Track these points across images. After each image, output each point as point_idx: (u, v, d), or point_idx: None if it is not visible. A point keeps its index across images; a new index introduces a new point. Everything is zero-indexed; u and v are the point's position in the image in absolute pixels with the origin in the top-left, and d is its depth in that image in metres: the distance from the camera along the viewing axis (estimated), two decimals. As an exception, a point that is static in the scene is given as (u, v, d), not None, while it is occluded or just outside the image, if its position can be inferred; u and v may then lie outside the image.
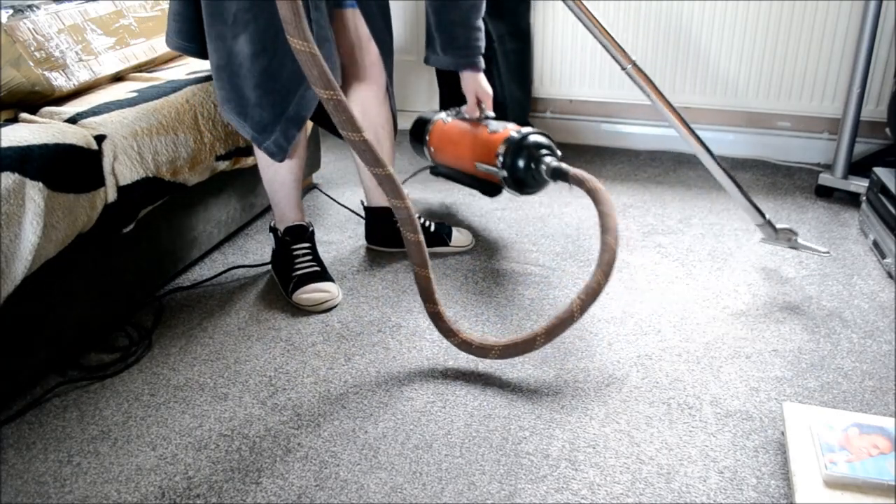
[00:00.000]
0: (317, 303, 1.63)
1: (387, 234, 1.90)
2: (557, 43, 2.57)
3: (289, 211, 1.71)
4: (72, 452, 1.23)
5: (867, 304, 1.61)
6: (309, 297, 1.63)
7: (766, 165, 2.46)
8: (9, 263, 1.23)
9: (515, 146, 1.64)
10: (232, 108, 1.54)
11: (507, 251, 1.91)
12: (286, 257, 1.70)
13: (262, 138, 1.54)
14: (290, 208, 1.71)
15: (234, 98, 1.52)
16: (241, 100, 1.51)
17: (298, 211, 1.73)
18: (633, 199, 2.22)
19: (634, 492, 1.12)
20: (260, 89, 1.49)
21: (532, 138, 1.66)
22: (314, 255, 1.72)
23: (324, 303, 1.63)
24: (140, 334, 1.56)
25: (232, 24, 1.44)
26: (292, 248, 1.70)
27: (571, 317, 1.33)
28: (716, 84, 2.46)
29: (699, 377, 1.38)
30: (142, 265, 1.64)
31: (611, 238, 1.36)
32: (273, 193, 1.70)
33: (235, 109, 1.53)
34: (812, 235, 1.94)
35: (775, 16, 2.31)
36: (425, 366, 1.44)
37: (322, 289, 1.64)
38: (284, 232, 1.71)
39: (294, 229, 1.71)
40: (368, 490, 1.14)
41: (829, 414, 1.18)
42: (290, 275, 1.67)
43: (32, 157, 1.28)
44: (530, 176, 1.65)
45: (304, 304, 1.63)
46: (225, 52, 1.47)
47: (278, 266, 1.73)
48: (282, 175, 1.66)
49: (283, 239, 1.71)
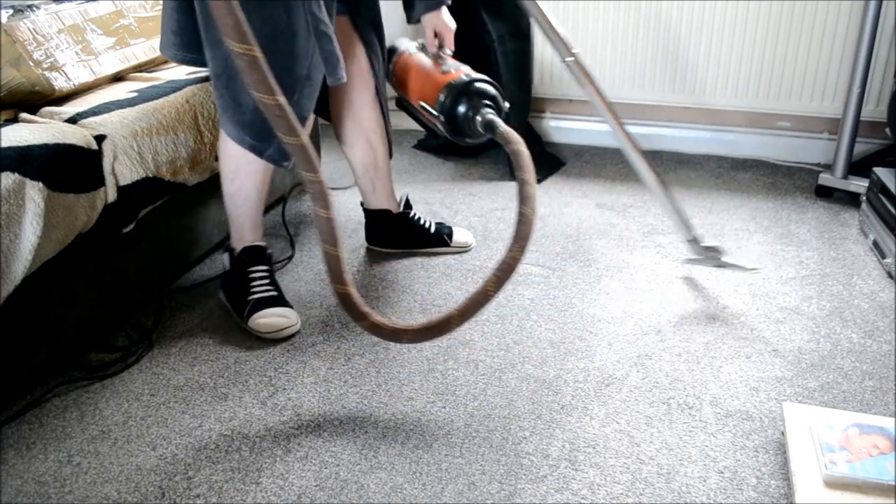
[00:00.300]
0: (276, 328, 1.52)
1: (387, 234, 1.89)
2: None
3: (248, 230, 1.60)
4: (72, 452, 1.23)
5: (867, 304, 1.61)
6: (267, 322, 1.52)
7: (766, 165, 2.46)
8: (9, 263, 1.23)
9: (457, 91, 1.54)
10: (230, 117, 1.47)
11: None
12: (241, 280, 1.58)
13: (263, 146, 1.47)
14: (250, 227, 1.60)
15: (233, 106, 1.45)
16: (240, 107, 1.44)
17: (257, 231, 1.62)
18: (633, 199, 2.21)
19: (634, 492, 1.12)
20: None
21: (477, 86, 1.55)
22: (272, 278, 1.62)
23: (283, 329, 1.53)
24: (140, 334, 1.56)
25: None
26: (249, 270, 1.59)
27: (486, 295, 1.28)
28: (716, 84, 2.46)
29: (699, 377, 1.38)
30: (142, 265, 1.64)
31: (528, 209, 1.29)
32: (234, 209, 1.58)
33: (234, 118, 1.46)
34: (812, 235, 1.94)
35: (775, 16, 2.31)
36: (425, 366, 1.44)
37: (281, 314, 1.54)
38: (241, 252, 1.60)
39: (251, 250, 1.60)
40: (368, 490, 1.14)
41: (829, 414, 1.18)
42: (246, 298, 1.56)
43: (32, 157, 1.28)
44: (466, 125, 1.54)
45: (262, 329, 1.52)
46: (222, 58, 1.41)
47: (231, 289, 1.61)
48: (246, 190, 1.55)
49: (240, 259, 1.60)
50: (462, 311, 1.28)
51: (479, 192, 2.30)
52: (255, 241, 1.61)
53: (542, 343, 1.50)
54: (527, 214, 1.28)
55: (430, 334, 1.31)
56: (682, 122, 2.57)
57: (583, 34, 2.52)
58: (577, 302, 1.65)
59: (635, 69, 2.53)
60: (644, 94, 2.56)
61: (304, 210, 2.18)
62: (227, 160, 1.53)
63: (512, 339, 1.52)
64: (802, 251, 1.86)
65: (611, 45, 2.51)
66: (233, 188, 1.56)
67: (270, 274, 1.62)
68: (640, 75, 2.53)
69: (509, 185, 2.36)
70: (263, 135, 1.45)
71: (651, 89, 2.54)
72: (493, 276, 1.27)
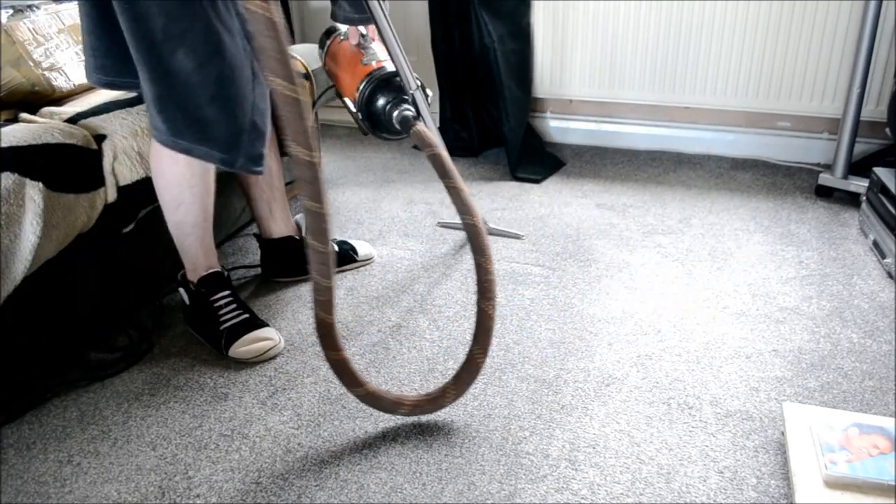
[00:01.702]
0: (260, 353, 1.46)
1: (290, 263, 1.76)
2: (557, 43, 2.57)
3: (202, 257, 1.51)
4: (72, 452, 1.23)
5: (867, 304, 1.61)
6: (249, 349, 1.46)
7: (766, 165, 2.46)
8: (9, 263, 1.23)
9: (376, 83, 1.45)
10: (190, 136, 1.32)
11: (507, 251, 1.91)
12: (207, 311, 1.50)
13: (232, 157, 1.34)
14: (204, 254, 1.51)
15: (191, 124, 1.31)
16: (199, 122, 1.30)
17: (212, 255, 1.53)
18: (633, 199, 2.22)
19: (634, 492, 1.12)
20: (218, 101, 1.29)
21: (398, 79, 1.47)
22: (238, 301, 1.53)
23: (267, 351, 1.47)
24: (140, 334, 1.56)
25: (164, 42, 1.24)
26: (212, 300, 1.50)
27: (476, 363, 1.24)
28: (716, 84, 2.46)
29: (699, 377, 1.38)
30: (142, 265, 1.64)
31: (470, 217, 1.19)
32: (183, 238, 1.48)
33: (195, 136, 1.32)
34: (812, 235, 1.94)
35: (775, 16, 2.31)
36: (425, 366, 1.44)
37: (261, 336, 1.48)
38: (198, 283, 1.51)
39: (209, 279, 1.51)
40: (368, 490, 1.14)
41: (829, 414, 1.18)
42: (218, 329, 1.48)
43: (32, 157, 1.28)
44: (384, 119, 1.46)
45: (246, 357, 1.46)
46: (163, 77, 1.27)
47: (198, 323, 1.53)
48: (194, 215, 1.45)
49: (199, 292, 1.52)
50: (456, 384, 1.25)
51: (479, 192, 2.30)
52: (211, 268, 1.52)
53: (542, 343, 1.50)
54: (473, 224, 1.17)
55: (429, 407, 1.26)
56: (682, 122, 2.57)
57: (583, 34, 2.52)
58: (577, 302, 1.65)
59: (635, 69, 2.53)
60: (644, 94, 2.56)
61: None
62: (167, 188, 1.42)
63: (512, 339, 1.52)
64: (802, 251, 1.86)
65: (611, 45, 2.51)
66: (178, 216, 1.45)
67: (235, 297, 1.54)
68: (640, 75, 2.53)
69: (509, 184, 2.36)
70: (231, 144, 1.34)
71: (651, 89, 2.54)
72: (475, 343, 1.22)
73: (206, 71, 1.27)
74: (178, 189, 1.42)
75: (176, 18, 1.23)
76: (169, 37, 1.23)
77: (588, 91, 2.63)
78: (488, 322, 1.22)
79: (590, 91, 2.63)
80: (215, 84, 1.28)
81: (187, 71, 1.26)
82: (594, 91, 2.62)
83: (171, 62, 1.25)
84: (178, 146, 1.33)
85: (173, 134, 1.32)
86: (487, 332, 1.23)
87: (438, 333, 1.55)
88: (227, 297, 1.52)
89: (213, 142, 1.32)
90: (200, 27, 1.25)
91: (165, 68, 1.26)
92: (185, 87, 1.27)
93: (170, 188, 1.42)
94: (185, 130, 1.31)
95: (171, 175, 1.40)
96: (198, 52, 1.25)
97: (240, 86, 1.30)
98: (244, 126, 1.33)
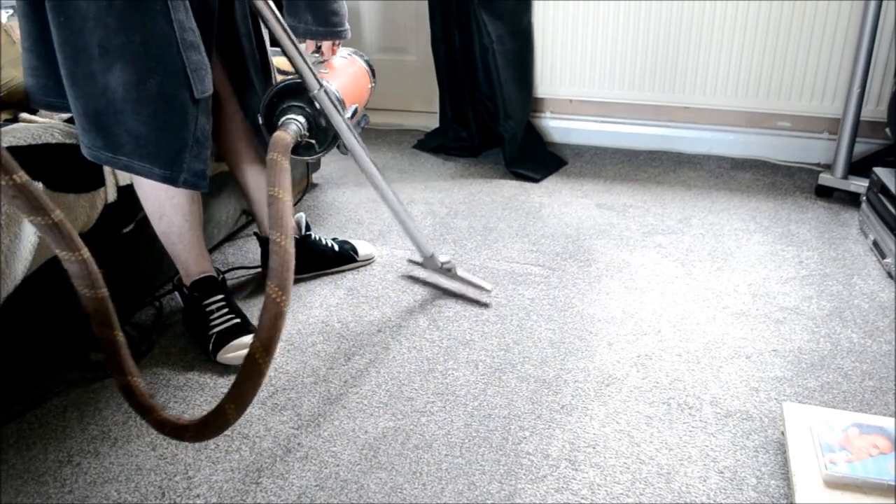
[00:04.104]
0: None
1: None
2: (557, 43, 2.57)
3: (192, 263, 1.50)
4: (72, 452, 1.23)
5: (867, 304, 1.61)
6: (235, 355, 1.44)
7: (766, 165, 2.46)
8: (9, 263, 1.23)
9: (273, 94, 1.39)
10: (129, 152, 1.28)
11: (507, 251, 1.91)
12: (199, 314, 1.50)
13: (174, 173, 1.29)
14: (194, 260, 1.50)
15: (129, 141, 1.26)
16: (138, 139, 1.26)
17: (203, 260, 1.52)
18: (633, 199, 2.22)
19: (634, 492, 1.12)
20: (159, 117, 1.25)
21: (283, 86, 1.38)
22: (231, 305, 1.52)
23: None
24: (140, 334, 1.56)
25: (100, 57, 1.19)
26: (204, 304, 1.50)
27: (256, 364, 1.03)
28: (716, 84, 2.46)
29: (699, 377, 1.38)
30: (142, 265, 1.64)
31: (280, 234, 1.07)
32: (171, 247, 1.48)
33: (135, 153, 1.27)
34: (812, 235, 1.94)
35: (775, 16, 2.31)
36: (425, 366, 1.44)
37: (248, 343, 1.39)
38: (191, 287, 1.51)
39: (202, 283, 1.51)
40: (368, 490, 1.14)
41: (829, 414, 1.18)
42: (207, 333, 1.47)
43: (32, 157, 1.28)
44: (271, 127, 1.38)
45: (233, 363, 1.44)
46: (100, 93, 1.22)
47: (192, 326, 1.54)
48: (178, 225, 1.43)
49: (192, 296, 1.51)
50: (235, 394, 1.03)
51: (479, 192, 2.30)
52: (203, 272, 1.51)
53: (542, 343, 1.50)
54: (279, 241, 1.06)
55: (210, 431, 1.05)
56: (682, 122, 2.57)
57: (583, 34, 2.52)
58: (577, 302, 1.65)
59: (635, 69, 2.53)
60: (644, 94, 2.56)
61: (315, 203, 2.18)
62: (148, 200, 1.42)
63: (512, 339, 1.52)
64: (802, 251, 1.86)
65: (611, 45, 2.51)
66: (163, 227, 1.44)
67: (229, 301, 1.52)
68: (641, 75, 2.53)
69: (509, 184, 2.36)
70: (172, 160, 1.30)
71: (651, 89, 2.54)
72: (256, 341, 1.03)
73: (146, 85, 1.23)
74: (157, 202, 1.41)
75: (116, 30, 1.18)
76: (107, 51, 1.19)
77: (588, 91, 2.63)
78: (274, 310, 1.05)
79: (590, 91, 2.63)
80: (156, 99, 1.24)
81: (125, 86, 1.22)
82: (594, 91, 2.62)
83: (108, 78, 1.21)
84: (118, 163, 1.29)
85: (111, 151, 1.27)
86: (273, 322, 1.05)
87: (438, 333, 1.55)
88: (219, 301, 1.51)
89: (154, 158, 1.28)
90: (140, 40, 1.20)
91: (103, 84, 1.21)
92: (124, 102, 1.23)
93: (150, 200, 1.42)
94: (123, 146, 1.27)
95: (150, 187, 1.39)
96: (137, 66, 1.21)
97: (181, 100, 1.26)
98: (186, 141, 1.29)
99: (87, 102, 1.24)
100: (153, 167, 1.29)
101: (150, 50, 1.21)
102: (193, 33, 1.26)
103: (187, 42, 1.24)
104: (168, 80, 1.24)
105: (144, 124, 1.25)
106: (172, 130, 1.27)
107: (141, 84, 1.22)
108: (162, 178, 1.30)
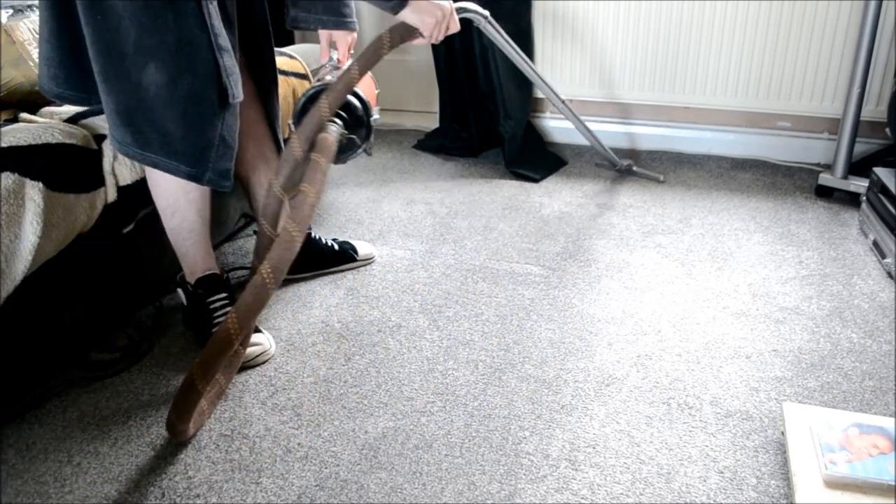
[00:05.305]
0: (248, 358, 1.44)
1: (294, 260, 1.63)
2: (558, 43, 2.57)
3: (200, 260, 1.50)
4: (72, 452, 1.23)
5: (867, 304, 1.61)
6: None
7: (766, 165, 2.46)
8: (9, 263, 1.23)
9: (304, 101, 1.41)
10: (157, 150, 1.31)
11: (507, 251, 1.91)
12: (203, 312, 1.49)
13: (200, 172, 1.33)
14: (201, 257, 1.50)
15: (157, 138, 1.29)
16: (166, 137, 1.29)
17: (210, 258, 1.52)
18: (633, 199, 2.22)
19: (634, 492, 1.12)
20: (188, 116, 1.28)
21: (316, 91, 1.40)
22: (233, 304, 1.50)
23: (256, 357, 1.45)
24: (140, 334, 1.56)
25: (134, 55, 1.22)
26: (208, 301, 1.49)
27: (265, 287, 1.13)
28: (716, 84, 2.46)
29: (699, 377, 1.38)
30: (142, 265, 1.64)
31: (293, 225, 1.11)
32: (181, 243, 1.47)
33: (162, 150, 1.31)
34: (812, 235, 1.94)
35: (775, 16, 2.31)
36: (425, 366, 1.44)
37: (252, 342, 1.45)
38: (196, 284, 1.50)
39: (206, 280, 1.50)
40: (368, 490, 1.14)
41: (829, 414, 1.18)
42: (210, 331, 1.45)
43: (32, 157, 1.28)
44: None
45: None
46: (132, 90, 1.25)
47: (194, 323, 1.53)
48: (190, 221, 1.44)
49: (196, 293, 1.50)
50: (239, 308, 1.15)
51: (479, 192, 2.30)
52: (209, 270, 1.51)
53: (542, 343, 1.50)
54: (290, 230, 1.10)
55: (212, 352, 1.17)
56: (682, 122, 2.57)
57: (583, 34, 2.52)
58: (577, 302, 1.65)
59: (635, 69, 2.53)
60: (644, 94, 2.56)
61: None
62: (163, 196, 1.43)
63: (512, 339, 1.52)
64: (802, 251, 1.86)
65: (611, 45, 2.52)
66: (175, 222, 1.45)
67: (232, 300, 1.52)
68: (641, 75, 2.53)
69: (509, 184, 2.36)
70: (198, 159, 1.33)
71: (651, 89, 2.54)
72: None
73: (177, 86, 1.26)
74: (173, 197, 1.42)
75: (151, 30, 1.21)
76: (140, 49, 1.22)
77: (588, 91, 2.63)
78: None
79: (590, 91, 2.63)
80: (185, 99, 1.27)
81: (158, 85, 1.25)
82: (595, 91, 2.62)
83: (142, 76, 1.24)
84: (146, 159, 1.32)
85: (140, 147, 1.31)
86: None
87: (438, 333, 1.55)
88: (222, 299, 1.50)
89: (181, 156, 1.31)
90: (173, 41, 1.23)
91: (135, 82, 1.24)
92: (155, 100, 1.26)
93: (165, 195, 1.43)
94: (152, 144, 1.30)
95: (164, 184, 1.40)
96: (169, 66, 1.24)
97: (210, 101, 1.29)
98: (213, 141, 1.32)
99: (119, 99, 1.26)
100: (180, 164, 1.32)
101: (181, 50, 1.24)
102: (226, 39, 1.29)
103: (221, 46, 1.27)
104: (198, 81, 1.27)
105: (173, 123, 1.28)
106: (200, 130, 1.30)
107: (172, 84, 1.25)
108: (188, 176, 1.33)
